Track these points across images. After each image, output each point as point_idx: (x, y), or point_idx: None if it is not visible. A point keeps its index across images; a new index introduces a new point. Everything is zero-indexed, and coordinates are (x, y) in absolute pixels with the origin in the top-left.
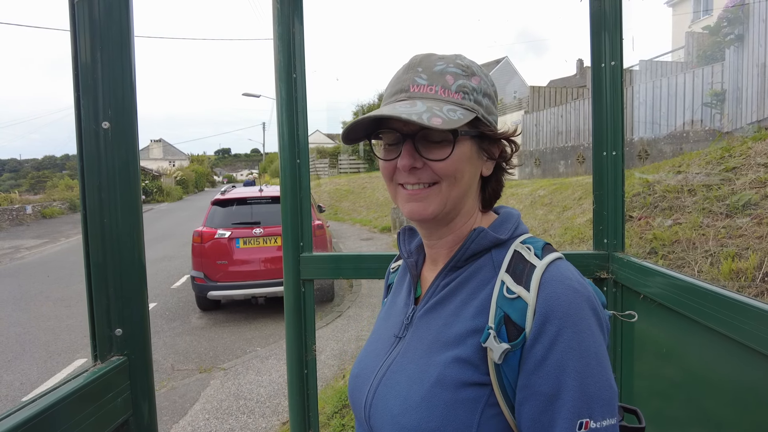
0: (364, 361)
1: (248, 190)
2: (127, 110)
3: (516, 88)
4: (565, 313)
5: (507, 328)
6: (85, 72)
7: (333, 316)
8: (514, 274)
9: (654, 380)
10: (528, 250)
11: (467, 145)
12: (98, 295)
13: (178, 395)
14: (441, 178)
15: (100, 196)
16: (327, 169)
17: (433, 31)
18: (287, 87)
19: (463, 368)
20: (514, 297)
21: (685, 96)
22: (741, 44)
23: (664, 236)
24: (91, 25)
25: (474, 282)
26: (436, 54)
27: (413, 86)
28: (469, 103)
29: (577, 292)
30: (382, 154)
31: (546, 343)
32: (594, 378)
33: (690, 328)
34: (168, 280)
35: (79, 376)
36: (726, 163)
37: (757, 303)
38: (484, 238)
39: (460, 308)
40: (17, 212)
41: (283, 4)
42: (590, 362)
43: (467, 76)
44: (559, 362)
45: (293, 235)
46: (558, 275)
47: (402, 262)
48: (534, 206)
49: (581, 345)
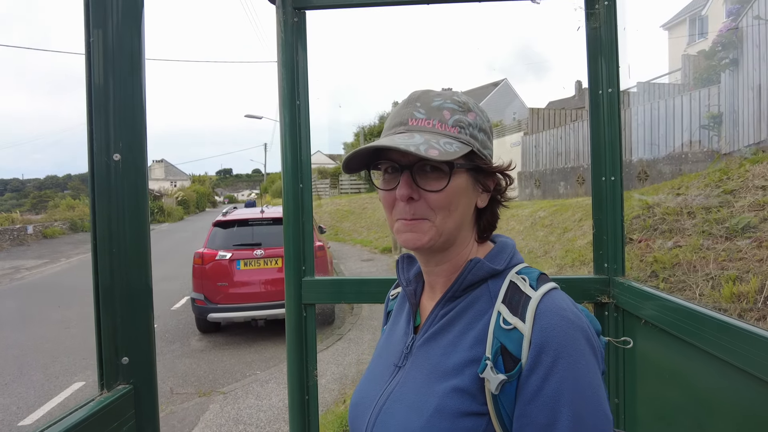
0: (365, 390)
1: (249, 212)
2: (137, 142)
3: (515, 110)
4: (560, 343)
5: (503, 358)
6: (98, 102)
7: (334, 339)
8: (510, 305)
9: (656, 406)
10: (523, 281)
11: (463, 177)
12: (106, 324)
13: (176, 419)
14: (435, 211)
15: (110, 227)
16: (328, 190)
17: (434, 54)
18: (291, 113)
19: (461, 398)
20: (510, 328)
21: (683, 117)
22: (736, 68)
23: (664, 259)
24: (104, 53)
25: (471, 312)
26: (434, 90)
27: (412, 120)
28: (465, 137)
29: (572, 323)
30: (381, 184)
31: (542, 374)
32: (589, 408)
33: (691, 354)
34: (168, 301)
35: (85, 405)
36: (725, 185)
37: (759, 330)
38: (480, 269)
39: (458, 338)
40: (18, 232)
41: (287, 33)
42: (585, 392)
43: (463, 112)
44: (554, 392)
45: (295, 259)
46: (552, 306)
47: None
48: (534, 227)
49: (576, 375)
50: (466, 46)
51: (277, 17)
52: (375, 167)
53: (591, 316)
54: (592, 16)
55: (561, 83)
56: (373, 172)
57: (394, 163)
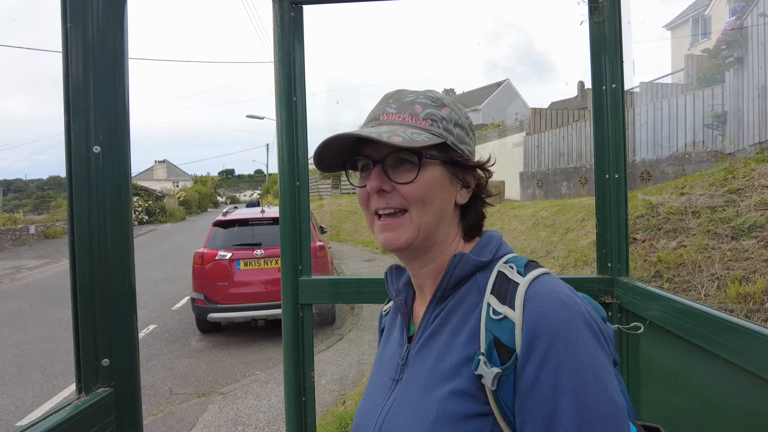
0: (364, 410)
1: (250, 212)
2: (120, 134)
3: (517, 110)
4: (555, 327)
5: (498, 351)
6: (77, 95)
7: (334, 339)
8: (499, 294)
9: (661, 408)
10: (510, 269)
11: (437, 170)
12: (85, 323)
13: (175, 420)
14: (409, 203)
15: (89, 222)
16: (329, 190)
17: (435, 53)
18: (287, 110)
19: (461, 401)
20: (501, 318)
21: (686, 117)
22: (740, 67)
23: (668, 259)
24: (84, 47)
25: (462, 309)
26: (408, 89)
27: (383, 115)
28: (437, 129)
29: (565, 305)
30: (358, 182)
31: (536, 362)
32: (591, 394)
33: (697, 355)
34: (168, 301)
35: (61, 409)
36: (729, 184)
37: (766, 331)
38: (466, 263)
39: (452, 338)
40: (20, 232)
41: (283, 29)
42: (586, 377)
43: (437, 107)
44: (552, 381)
45: (292, 258)
46: (542, 290)
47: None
48: (537, 228)
49: (574, 360)
50: (467, 45)
51: (274, 12)
52: (352, 166)
53: (594, 302)
54: (596, 11)
55: (563, 83)
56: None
57: (368, 159)
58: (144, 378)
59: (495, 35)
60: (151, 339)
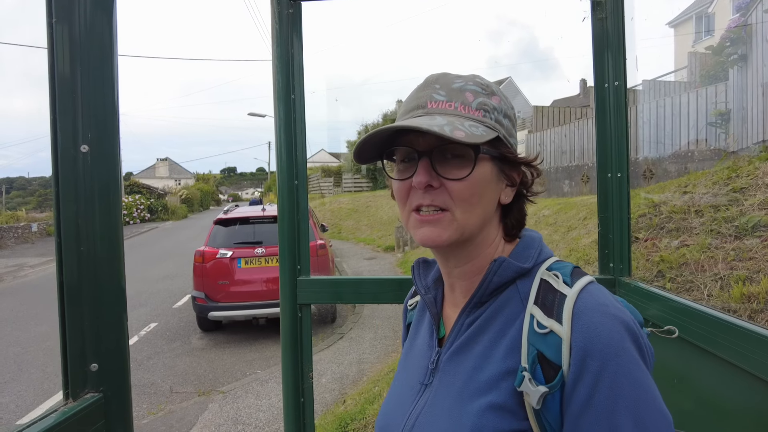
0: (390, 412)
1: (251, 210)
2: (109, 133)
3: (519, 108)
4: (607, 345)
5: (542, 367)
6: (63, 93)
7: (335, 338)
8: (544, 306)
9: None
10: (556, 278)
11: (488, 166)
12: (72, 327)
13: (175, 419)
14: (455, 202)
15: (77, 223)
16: (331, 188)
17: (437, 51)
18: (286, 107)
19: (499, 416)
20: (546, 332)
21: (689, 116)
22: (745, 64)
23: (671, 258)
24: (71, 44)
25: (501, 318)
26: (452, 73)
27: (431, 102)
28: (491, 121)
29: (617, 319)
30: (395, 174)
31: (590, 382)
32: (647, 411)
33: (700, 357)
34: (170, 299)
35: (47, 416)
36: (733, 183)
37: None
38: (507, 269)
39: (489, 349)
40: (23, 230)
41: (282, 25)
42: (641, 395)
43: (487, 95)
44: (608, 401)
45: (290, 257)
46: (592, 303)
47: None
48: (538, 226)
49: (629, 378)
50: (470, 42)
51: (272, 8)
52: (389, 156)
53: (631, 307)
54: (599, 7)
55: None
56: (387, 164)
57: (411, 150)
58: (144, 376)
59: (497, 33)
60: (152, 337)
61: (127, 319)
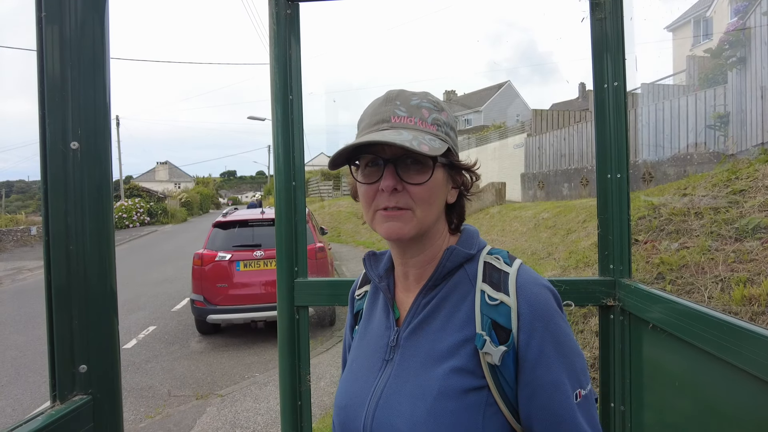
0: (351, 391)
1: (250, 212)
2: (100, 130)
3: (519, 111)
4: (545, 309)
5: (496, 332)
6: (53, 90)
7: (333, 341)
8: (492, 282)
9: (664, 413)
10: (497, 260)
11: (441, 172)
12: (60, 327)
13: (172, 423)
14: (415, 203)
15: (66, 221)
16: (331, 191)
17: (436, 55)
18: (283, 108)
19: (461, 377)
20: (497, 303)
21: (688, 118)
22: (743, 67)
23: (671, 261)
24: (61, 42)
25: (454, 297)
26: (408, 90)
27: (394, 117)
28: (443, 134)
29: (548, 289)
30: (362, 178)
31: (538, 339)
32: (576, 357)
33: (701, 359)
34: (168, 302)
35: (33, 419)
36: (733, 185)
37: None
38: (457, 256)
39: (446, 323)
40: (22, 233)
41: (279, 26)
42: (571, 344)
43: (438, 111)
44: (553, 353)
45: (287, 259)
46: (529, 278)
47: (368, 287)
48: (538, 229)
49: (563, 333)
50: (469, 46)
51: (270, 9)
52: (355, 162)
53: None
54: (598, 7)
55: (564, 83)
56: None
57: (377, 157)
58: (143, 380)
59: (496, 36)
60: (150, 340)
61: (118, 319)
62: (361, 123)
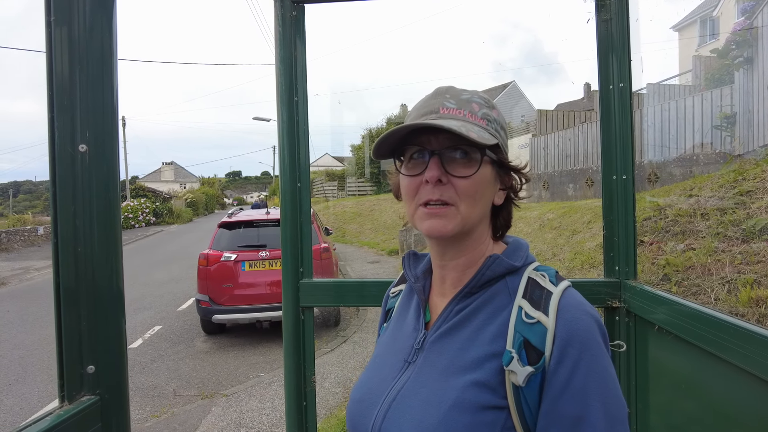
0: (368, 386)
1: (255, 213)
2: (108, 133)
3: (523, 112)
4: (585, 337)
5: (527, 352)
6: (61, 92)
7: (338, 341)
8: (532, 300)
9: (670, 416)
10: (543, 277)
11: (488, 168)
12: (69, 328)
13: (178, 422)
14: (460, 198)
15: (74, 223)
16: (335, 192)
17: (442, 55)
18: (288, 110)
19: (481, 392)
20: (534, 322)
21: (694, 119)
22: (750, 67)
23: (677, 262)
24: (69, 44)
25: (490, 308)
26: (458, 86)
27: (443, 109)
28: (492, 130)
29: (592, 317)
30: (405, 171)
31: (569, 367)
32: (614, 399)
33: (707, 362)
34: (174, 302)
35: (42, 419)
36: (740, 186)
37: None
38: (500, 265)
39: (476, 333)
40: (29, 233)
41: (285, 27)
42: (609, 384)
43: (489, 108)
44: (582, 385)
45: (293, 260)
46: (574, 301)
47: (404, 286)
48: (543, 230)
49: (600, 367)
50: (474, 47)
51: (275, 11)
52: (400, 153)
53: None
54: (603, 8)
55: (569, 84)
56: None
57: (422, 149)
58: (148, 379)
59: (502, 37)
60: (156, 340)
61: (125, 320)
62: (408, 117)
